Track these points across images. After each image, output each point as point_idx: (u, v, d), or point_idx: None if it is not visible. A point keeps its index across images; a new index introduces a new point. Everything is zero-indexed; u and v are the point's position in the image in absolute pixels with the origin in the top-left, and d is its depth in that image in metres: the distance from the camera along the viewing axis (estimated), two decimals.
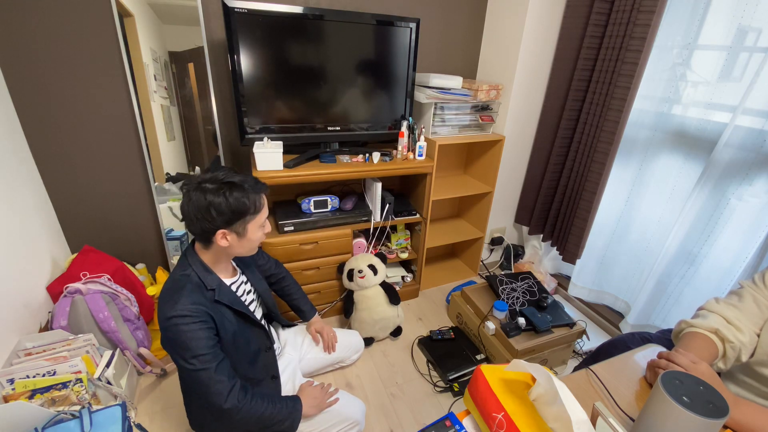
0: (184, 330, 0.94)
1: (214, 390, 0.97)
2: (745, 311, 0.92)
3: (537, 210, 2.20)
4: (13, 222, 1.39)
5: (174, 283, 1.01)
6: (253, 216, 1.03)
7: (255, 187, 1.02)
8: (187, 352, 0.95)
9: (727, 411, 0.59)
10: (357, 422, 1.24)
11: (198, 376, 0.96)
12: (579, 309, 2.15)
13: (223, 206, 0.96)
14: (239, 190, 0.99)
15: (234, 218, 0.99)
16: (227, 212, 0.97)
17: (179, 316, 0.94)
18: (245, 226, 1.02)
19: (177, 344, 0.95)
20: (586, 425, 0.61)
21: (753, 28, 1.36)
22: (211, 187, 0.97)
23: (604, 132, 1.74)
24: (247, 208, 1.00)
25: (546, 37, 1.89)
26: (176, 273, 1.05)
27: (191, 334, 0.95)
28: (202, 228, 0.99)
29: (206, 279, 1.04)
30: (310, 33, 1.54)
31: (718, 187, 1.49)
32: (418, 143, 1.79)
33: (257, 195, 1.02)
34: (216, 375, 0.97)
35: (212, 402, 0.98)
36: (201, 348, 0.95)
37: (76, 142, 1.59)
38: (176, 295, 0.97)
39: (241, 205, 0.99)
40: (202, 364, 0.95)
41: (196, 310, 0.96)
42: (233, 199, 0.97)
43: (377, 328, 1.77)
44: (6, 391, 1.18)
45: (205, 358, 0.96)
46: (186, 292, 0.98)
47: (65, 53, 1.46)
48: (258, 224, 1.05)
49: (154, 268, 1.93)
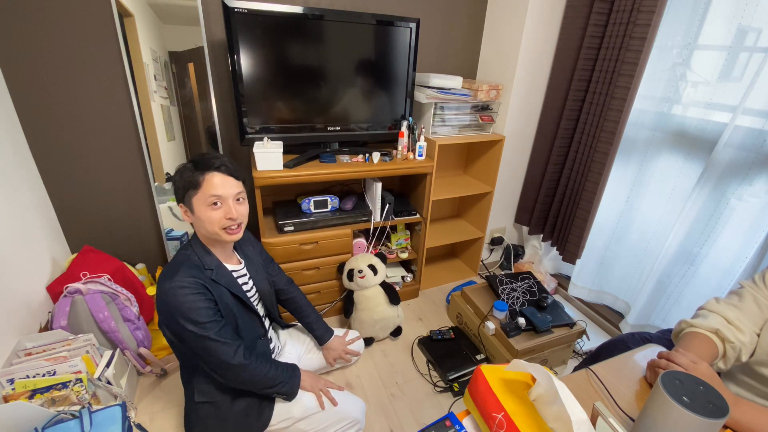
0: (182, 300, 0.98)
1: (220, 350, 1.02)
2: (746, 311, 0.92)
3: (537, 210, 2.20)
4: (13, 222, 1.39)
5: (174, 260, 1.08)
6: (194, 191, 1.04)
7: (207, 164, 1.05)
8: (188, 320, 0.99)
9: (727, 411, 0.59)
10: (357, 420, 1.25)
11: (203, 342, 1.01)
12: (579, 309, 2.15)
13: (176, 182, 1.06)
14: (190, 164, 1.05)
15: (182, 193, 1.06)
16: (178, 188, 1.06)
17: (177, 287, 0.98)
18: (190, 201, 1.05)
19: (177, 313, 0.98)
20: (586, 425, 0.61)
21: (753, 28, 1.36)
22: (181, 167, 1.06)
23: (604, 132, 1.74)
24: (188, 183, 1.04)
25: (546, 37, 1.89)
26: (178, 253, 1.11)
27: (191, 304, 0.99)
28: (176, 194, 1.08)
29: (205, 259, 1.09)
30: (310, 33, 1.54)
31: (718, 187, 1.49)
32: (418, 143, 1.79)
33: (200, 172, 1.04)
34: (220, 337, 1.02)
35: (220, 361, 1.03)
36: (202, 316, 0.99)
37: (76, 142, 1.59)
38: (174, 269, 1.02)
39: (183, 181, 1.05)
40: (205, 330, 1.00)
41: (193, 282, 1.01)
42: (179, 175, 1.05)
43: (377, 328, 1.77)
44: (6, 391, 1.18)
45: (208, 325, 1.00)
46: (184, 267, 1.03)
47: (65, 53, 1.46)
48: (201, 201, 1.04)
49: (154, 268, 1.93)
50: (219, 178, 1.05)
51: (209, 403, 1.13)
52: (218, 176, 1.05)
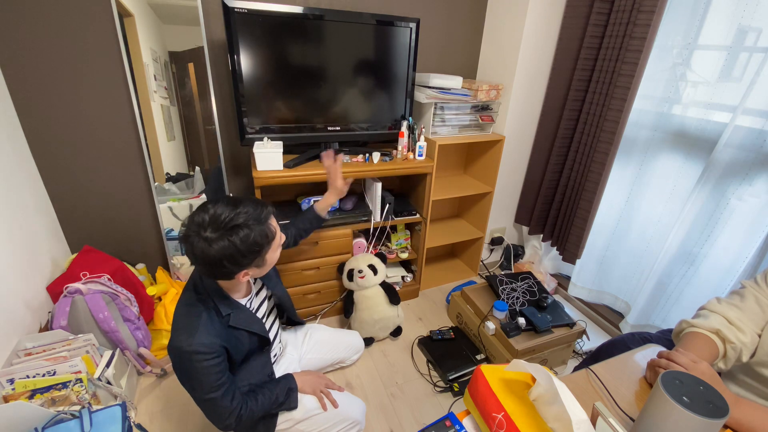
0: (197, 367, 0.93)
1: (216, 413, 1.01)
2: (747, 311, 0.92)
3: (537, 210, 2.20)
4: (13, 222, 1.39)
5: (189, 310, 0.97)
6: (268, 244, 0.96)
7: (259, 217, 0.93)
8: (197, 387, 0.97)
9: (727, 411, 0.59)
10: (357, 422, 1.25)
11: (203, 404, 1.00)
12: (579, 309, 2.15)
13: (236, 255, 0.89)
14: (248, 230, 0.90)
15: (252, 256, 0.93)
16: (244, 255, 0.91)
17: (196, 353, 0.91)
18: (264, 257, 0.97)
19: (189, 377, 0.97)
20: (586, 425, 0.61)
21: (753, 28, 1.36)
22: (214, 237, 0.87)
23: (604, 132, 1.74)
24: (262, 246, 0.94)
25: (546, 37, 1.89)
26: (191, 298, 1.00)
27: (205, 371, 0.94)
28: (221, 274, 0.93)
29: (221, 305, 1.01)
30: (310, 33, 1.54)
31: (718, 187, 1.49)
32: (418, 143, 1.79)
33: (263, 226, 0.94)
34: (221, 401, 0.99)
35: (213, 420, 1.04)
36: (211, 382, 0.97)
37: (76, 142, 1.59)
38: (192, 326, 0.93)
39: (252, 245, 0.91)
40: (209, 394, 0.97)
41: (211, 345, 0.93)
42: (241, 243, 0.89)
43: (377, 328, 1.77)
44: (6, 391, 1.18)
45: (213, 393, 0.98)
46: (203, 323, 0.94)
47: (65, 53, 1.46)
48: (274, 248, 1.00)
49: (154, 268, 1.93)
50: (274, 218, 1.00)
51: None
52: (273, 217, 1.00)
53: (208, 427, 1.39)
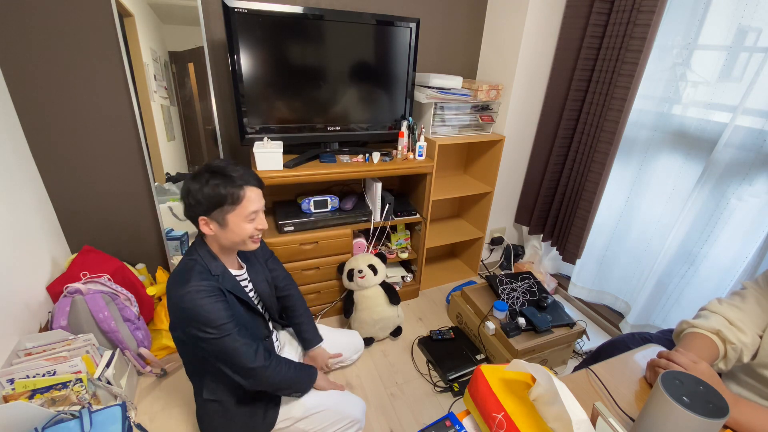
0: (200, 303, 0.97)
1: (240, 352, 1.01)
2: (748, 312, 0.91)
3: (537, 210, 2.20)
4: (13, 222, 1.39)
5: (182, 266, 1.05)
6: (231, 207, 1.02)
7: (241, 178, 1.02)
8: (207, 324, 0.97)
9: (727, 411, 0.59)
10: (357, 420, 1.25)
11: (222, 343, 0.99)
12: (579, 309, 2.15)
13: (198, 194, 0.99)
14: (219, 179, 1.00)
15: (210, 207, 1.01)
16: (202, 200, 1.00)
17: (194, 291, 0.97)
18: (224, 216, 1.02)
19: (195, 317, 0.97)
20: (586, 425, 0.61)
21: (753, 28, 1.36)
22: (197, 176, 1.01)
23: (604, 132, 1.74)
24: (223, 198, 1.00)
25: (546, 37, 1.89)
26: (184, 259, 1.08)
27: (209, 306, 0.98)
28: (188, 213, 1.04)
29: (211, 265, 1.07)
30: (310, 33, 1.54)
31: (718, 187, 1.49)
32: (418, 143, 1.79)
33: (239, 187, 1.01)
34: (240, 338, 1.01)
35: (240, 364, 1.02)
36: (221, 318, 0.99)
37: (76, 142, 1.59)
38: (186, 275, 1.00)
39: (215, 194, 0.99)
40: (224, 332, 0.99)
41: (208, 285, 1.00)
42: (209, 187, 0.99)
43: (377, 328, 1.77)
44: (6, 391, 1.18)
45: (226, 327, 0.99)
46: (195, 272, 1.01)
47: (65, 53, 1.46)
48: (241, 216, 1.04)
49: (154, 268, 1.93)
50: (255, 193, 1.06)
51: (216, 402, 1.14)
52: (254, 191, 1.05)
53: None
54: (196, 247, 1.09)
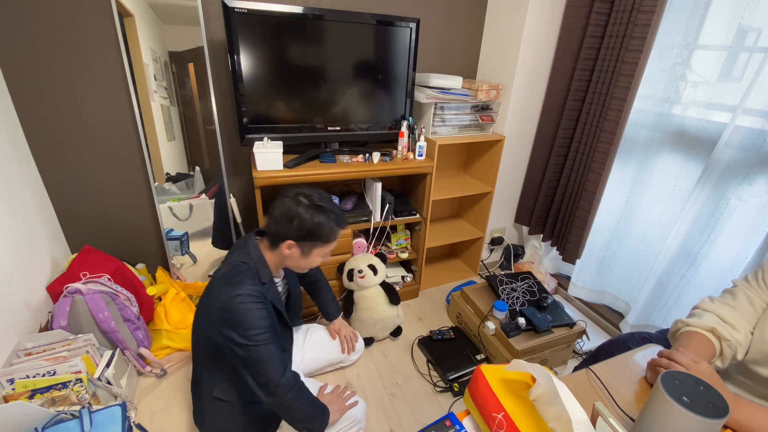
0: (249, 308, 0.99)
1: (273, 365, 1.01)
2: (740, 310, 0.92)
3: (537, 210, 2.20)
4: (14, 222, 1.39)
5: (235, 267, 1.06)
6: (322, 244, 1.11)
7: (338, 220, 1.12)
8: (250, 329, 0.98)
9: (727, 411, 0.59)
10: (357, 420, 1.25)
11: (258, 351, 1.00)
12: (579, 309, 2.15)
13: (306, 222, 1.06)
14: (325, 216, 1.08)
15: (307, 237, 1.08)
16: (305, 229, 1.07)
17: (246, 295, 0.99)
18: (311, 248, 1.11)
19: (240, 321, 0.98)
20: (586, 425, 0.61)
21: (753, 28, 1.36)
22: (305, 202, 1.08)
23: (604, 132, 1.74)
24: (322, 235, 1.09)
25: (546, 37, 1.89)
26: (235, 258, 1.09)
27: (256, 313, 0.99)
28: (278, 231, 1.08)
29: (262, 272, 1.10)
30: (310, 33, 1.54)
31: (718, 187, 1.49)
32: (418, 143, 1.79)
33: (336, 228, 1.11)
34: (275, 350, 1.02)
35: (268, 376, 1.01)
36: (264, 327, 1.00)
37: (76, 142, 1.59)
38: (239, 276, 1.03)
39: (317, 228, 1.07)
40: (264, 341, 1.00)
41: (258, 291, 1.02)
42: (316, 220, 1.07)
43: (377, 328, 1.77)
44: (6, 391, 1.18)
45: (266, 336, 1.00)
46: (248, 276, 1.04)
47: (65, 53, 1.46)
48: (322, 252, 1.14)
49: (154, 268, 1.93)
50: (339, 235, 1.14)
51: (225, 402, 1.13)
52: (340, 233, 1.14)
53: None
54: (249, 252, 1.11)
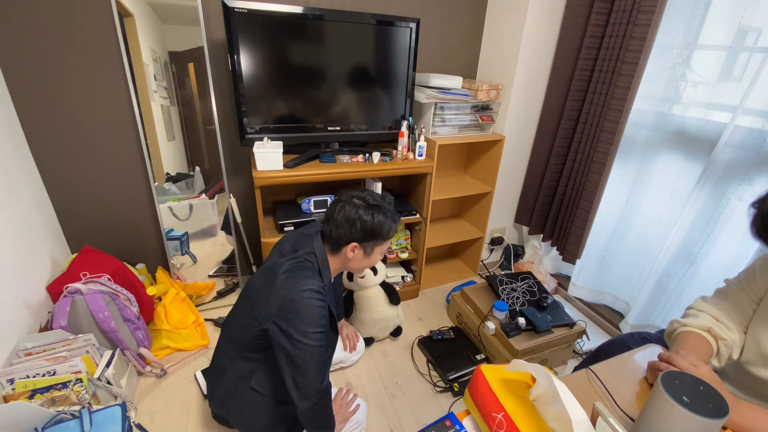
0: (315, 304, 0.98)
1: (318, 368, 1.00)
2: (732, 309, 0.93)
3: (537, 210, 2.20)
4: (13, 222, 1.39)
5: (300, 264, 1.06)
6: (384, 241, 1.13)
7: (394, 217, 1.14)
8: (310, 326, 0.97)
9: (727, 411, 0.59)
10: (359, 422, 1.25)
11: (310, 350, 0.97)
12: (579, 309, 2.15)
13: (368, 223, 1.07)
14: (384, 215, 1.10)
15: (370, 237, 1.09)
16: (368, 230, 1.08)
17: (314, 290, 0.99)
18: (374, 247, 1.13)
19: (303, 315, 0.97)
20: (586, 425, 0.61)
21: (753, 28, 1.36)
22: (363, 204, 1.09)
23: (604, 132, 1.74)
24: (383, 233, 1.10)
25: (546, 37, 1.89)
26: (300, 258, 1.08)
27: (319, 311, 0.99)
28: (341, 235, 1.08)
29: (324, 274, 1.10)
30: (310, 33, 1.54)
31: (718, 187, 1.49)
32: (418, 143, 1.79)
33: (394, 225, 1.13)
34: (324, 353, 1.02)
35: (310, 378, 0.98)
36: (322, 325, 0.99)
37: (76, 142, 1.59)
38: (307, 272, 1.03)
39: (380, 228, 1.09)
40: (319, 341, 0.99)
41: (321, 288, 1.02)
42: (378, 220, 1.08)
43: (377, 328, 1.77)
44: (6, 391, 1.18)
45: (321, 336, 0.99)
46: (314, 273, 1.05)
47: (65, 53, 1.46)
48: (382, 249, 1.16)
49: (154, 268, 1.92)
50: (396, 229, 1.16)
51: (259, 394, 1.12)
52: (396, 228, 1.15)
53: (207, 427, 1.39)
54: (315, 252, 1.10)
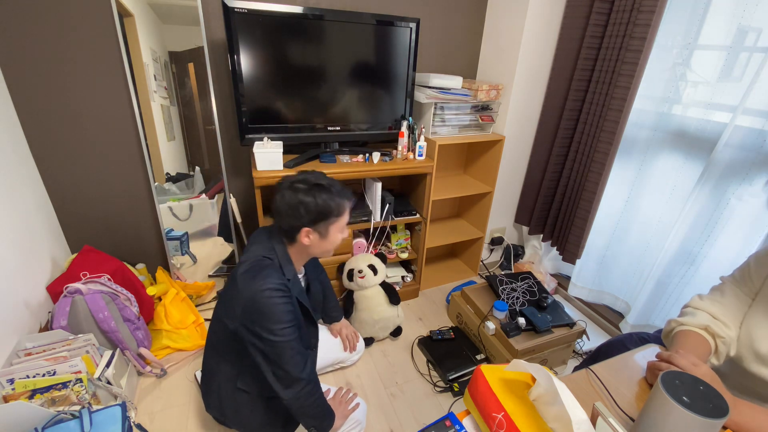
0: (276, 302, 0.99)
1: (294, 360, 1.02)
2: (729, 306, 0.93)
3: (537, 210, 2.20)
4: (13, 222, 1.39)
5: (259, 262, 1.06)
6: (336, 219, 1.09)
7: (341, 192, 1.10)
8: (275, 323, 0.98)
9: (727, 411, 0.59)
10: (359, 421, 1.25)
11: (281, 346, 1.00)
12: (579, 309, 2.15)
13: (311, 205, 1.04)
14: (327, 193, 1.06)
15: (319, 218, 1.06)
16: (314, 212, 1.05)
17: (273, 289, 0.99)
18: (327, 227, 1.09)
19: (266, 315, 0.98)
20: (586, 425, 0.61)
21: (753, 28, 1.36)
22: (302, 188, 1.05)
23: (604, 132, 1.74)
24: (332, 211, 1.07)
25: (546, 37, 1.89)
26: (258, 253, 1.08)
27: (282, 307, 0.99)
28: (290, 224, 1.06)
29: (285, 268, 1.09)
30: (310, 33, 1.54)
31: (718, 187, 1.49)
32: (418, 143, 1.79)
33: (342, 200, 1.09)
34: (297, 346, 1.03)
35: (288, 370, 1.01)
36: (288, 321, 1.00)
37: (76, 142, 1.59)
38: (266, 271, 1.02)
39: (326, 206, 1.06)
40: (288, 336, 1.00)
41: (282, 286, 1.02)
42: (321, 200, 1.05)
43: (377, 328, 1.77)
44: (6, 391, 1.18)
45: (290, 330, 1.01)
46: (274, 270, 1.04)
47: (65, 53, 1.46)
48: (339, 228, 1.12)
49: (154, 268, 1.92)
50: (349, 205, 1.12)
51: (248, 394, 1.14)
52: (349, 203, 1.12)
53: (207, 427, 1.39)
54: (274, 248, 1.10)
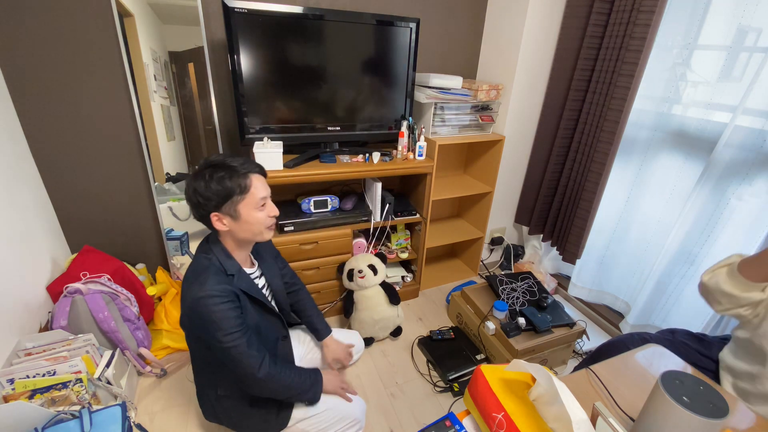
0: (214, 310, 0.96)
1: (247, 363, 1.00)
2: None
3: (537, 210, 2.20)
4: (13, 222, 1.39)
5: (197, 265, 1.03)
6: (241, 197, 1.00)
7: (243, 167, 1.00)
8: (218, 331, 0.97)
9: (727, 411, 0.59)
10: (357, 420, 1.24)
11: (230, 352, 0.99)
12: (579, 309, 2.15)
13: (205, 191, 0.97)
14: (222, 171, 0.98)
15: (220, 201, 0.99)
16: (211, 196, 0.98)
17: (209, 296, 0.96)
18: (235, 208, 1.01)
19: (207, 323, 0.97)
20: (586, 425, 0.61)
21: (753, 28, 1.36)
22: (198, 173, 0.98)
23: (604, 132, 1.74)
24: (231, 190, 0.98)
25: (546, 37, 1.89)
26: (198, 257, 1.06)
27: (221, 314, 0.97)
28: (199, 214, 1.01)
29: (226, 264, 1.05)
30: (310, 33, 1.54)
31: (718, 187, 1.49)
32: (418, 143, 1.79)
33: (244, 176, 1.00)
34: (248, 350, 1.01)
35: (246, 374, 1.01)
36: (231, 327, 0.98)
37: (76, 142, 1.59)
38: (202, 276, 0.99)
39: (223, 187, 0.98)
40: (233, 341, 0.98)
41: (223, 290, 0.98)
42: (214, 182, 0.97)
43: (377, 328, 1.77)
44: (6, 391, 1.18)
45: (235, 336, 0.98)
46: (211, 273, 1.00)
47: (65, 53, 1.46)
48: (251, 205, 1.02)
49: (154, 268, 1.92)
50: (260, 180, 1.05)
51: (230, 398, 1.14)
52: (259, 178, 1.05)
53: (207, 427, 1.39)
54: (210, 246, 1.06)
